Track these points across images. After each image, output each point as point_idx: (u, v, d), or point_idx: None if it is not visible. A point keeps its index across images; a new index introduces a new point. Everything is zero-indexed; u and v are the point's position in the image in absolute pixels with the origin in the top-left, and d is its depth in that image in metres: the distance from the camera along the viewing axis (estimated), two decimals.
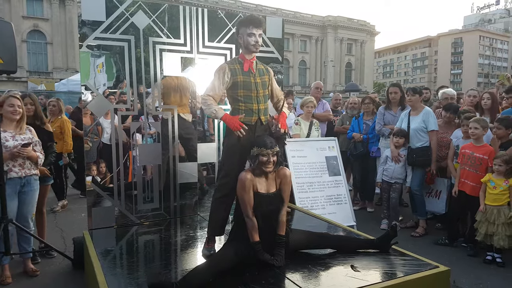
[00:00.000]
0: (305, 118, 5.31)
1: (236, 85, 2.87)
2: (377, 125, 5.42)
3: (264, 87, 2.97)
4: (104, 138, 4.83)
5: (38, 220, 4.06)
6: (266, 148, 2.68)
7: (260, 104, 2.91)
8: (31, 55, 35.52)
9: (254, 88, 2.89)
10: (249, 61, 2.92)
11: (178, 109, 4.04)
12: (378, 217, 5.33)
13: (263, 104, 2.93)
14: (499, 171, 3.88)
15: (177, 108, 4.02)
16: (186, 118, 4.16)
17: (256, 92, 2.89)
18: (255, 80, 2.90)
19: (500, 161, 3.87)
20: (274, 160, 2.73)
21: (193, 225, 3.87)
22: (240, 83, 2.86)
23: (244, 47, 2.91)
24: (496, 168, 3.89)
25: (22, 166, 3.51)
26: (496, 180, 3.88)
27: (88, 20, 3.51)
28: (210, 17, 4.05)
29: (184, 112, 4.14)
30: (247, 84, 2.87)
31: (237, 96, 2.88)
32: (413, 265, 2.75)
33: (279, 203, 2.81)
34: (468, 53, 78.54)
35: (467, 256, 4.10)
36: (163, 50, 3.83)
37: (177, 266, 2.93)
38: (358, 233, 3.58)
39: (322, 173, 4.93)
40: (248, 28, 2.83)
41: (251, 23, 2.84)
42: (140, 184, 3.87)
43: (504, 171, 3.87)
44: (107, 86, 3.75)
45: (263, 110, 2.93)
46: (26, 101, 3.89)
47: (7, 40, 3.43)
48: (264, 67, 3.04)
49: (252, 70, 2.92)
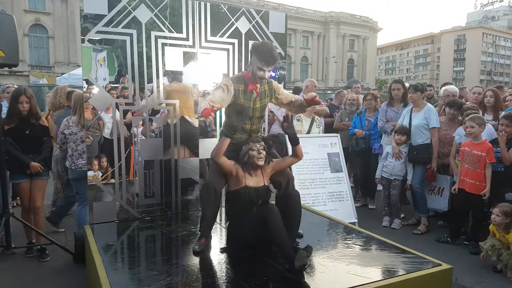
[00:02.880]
0: (307, 115, 5.28)
1: (235, 105, 2.99)
2: (380, 121, 5.40)
3: (263, 111, 3.15)
4: (105, 132, 4.81)
5: (35, 216, 4.03)
6: (253, 143, 2.88)
7: (254, 125, 3.10)
8: (32, 49, 35.44)
9: (251, 112, 3.05)
10: (254, 86, 3.00)
11: (183, 111, 4.00)
12: (379, 214, 5.33)
13: (256, 125, 3.12)
14: (496, 221, 3.65)
15: (183, 109, 3.99)
16: (191, 121, 4.07)
17: (252, 114, 3.06)
18: (255, 106, 3.05)
19: (499, 211, 3.63)
20: (264, 154, 2.90)
21: (194, 220, 3.86)
22: (239, 105, 2.98)
23: (252, 74, 2.96)
24: (493, 217, 3.67)
25: None
26: (496, 232, 3.73)
27: (90, 14, 3.48)
28: (213, 11, 4.01)
29: (190, 115, 4.07)
30: (246, 108, 3.01)
31: (234, 114, 2.99)
32: (415, 262, 2.74)
33: (266, 197, 2.98)
34: (471, 50, 78.13)
35: (469, 254, 4.09)
36: (165, 45, 3.80)
37: (178, 261, 2.92)
38: (360, 230, 3.57)
39: (324, 170, 4.92)
40: (260, 62, 2.86)
41: (265, 60, 2.86)
42: (141, 179, 3.86)
43: (502, 223, 3.62)
44: (109, 81, 3.73)
45: (255, 129, 3.12)
46: (22, 100, 3.81)
47: (9, 33, 3.42)
48: (268, 87, 3.12)
49: (256, 92, 3.01)
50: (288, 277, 2.53)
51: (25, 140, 3.86)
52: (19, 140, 3.81)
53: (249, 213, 2.89)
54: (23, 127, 3.85)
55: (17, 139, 3.81)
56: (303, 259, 2.43)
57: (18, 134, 3.81)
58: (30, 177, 3.92)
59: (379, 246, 3.12)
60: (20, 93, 3.85)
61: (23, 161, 3.81)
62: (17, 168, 3.85)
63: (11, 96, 4.08)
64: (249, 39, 4.21)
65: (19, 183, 3.91)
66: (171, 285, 2.46)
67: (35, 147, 3.90)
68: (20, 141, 3.82)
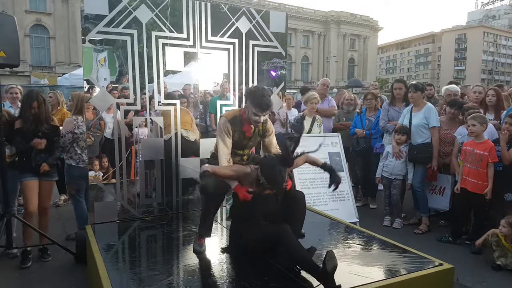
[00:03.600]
0: (308, 114, 5.29)
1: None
2: (381, 121, 5.39)
3: (254, 142, 3.25)
4: (106, 132, 4.82)
5: (42, 217, 4.02)
6: (262, 110, 2.89)
7: (246, 150, 3.21)
8: (34, 49, 35.50)
9: (246, 143, 3.16)
10: (249, 127, 3.06)
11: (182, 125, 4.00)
12: (380, 214, 5.32)
13: (248, 150, 3.24)
14: (503, 232, 3.73)
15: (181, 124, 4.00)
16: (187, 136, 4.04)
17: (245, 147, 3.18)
18: (248, 142, 3.17)
19: (505, 222, 3.73)
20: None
21: (195, 220, 3.86)
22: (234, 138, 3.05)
23: (247, 116, 2.99)
24: (500, 228, 3.75)
25: None
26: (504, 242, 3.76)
27: (91, 14, 3.49)
28: (213, 11, 4.02)
29: (187, 129, 4.04)
30: (240, 141, 3.10)
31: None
32: (417, 262, 2.74)
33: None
34: (471, 49, 78.03)
35: (471, 254, 4.08)
36: (165, 45, 3.81)
37: (179, 261, 2.92)
38: (361, 230, 3.56)
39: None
40: (255, 108, 2.89)
41: (260, 106, 2.88)
42: (142, 179, 3.87)
43: (509, 234, 3.72)
44: (110, 81, 3.73)
45: (247, 153, 3.23)
46: (34, 105, 3.74)
47: (10, 34, 3.42)
48: (263, 128, 3.15)
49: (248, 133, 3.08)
50: (289, 276, 2.53)
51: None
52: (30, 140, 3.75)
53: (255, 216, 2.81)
54: (35, 130, 3.79)
55: (28, 139, 3.75)
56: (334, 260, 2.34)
57: (30, 135, 3.76)
58: (38, 177, 3.88)
59: (380, 245, 3.12)
60: (33, 99, 3.77)
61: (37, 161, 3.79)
62: (27, 167, 3.79)
63: (23, 99, 3.95)
64: (249, 39, 4.22)
65: (27, 180, 3.82)
66: (172, 285, 2.46)
67: (47, 147, 3.84)
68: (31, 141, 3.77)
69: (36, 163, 3.80)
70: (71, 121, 4.25)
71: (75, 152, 4.22)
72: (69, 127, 4.20)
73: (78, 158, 4.22)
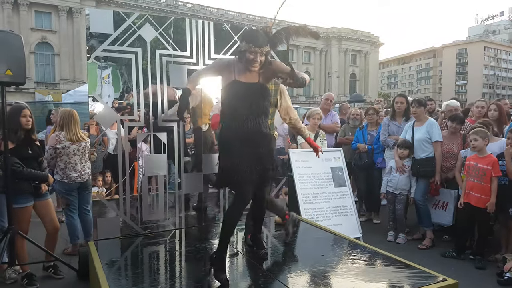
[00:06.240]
0: (311, 129, 5.31)
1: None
2: (382, 135, 5.41)
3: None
4: (110, 148, 4.86)
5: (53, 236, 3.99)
6: (255, 45, 2.52)
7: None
8: (38, 66, 36.02)
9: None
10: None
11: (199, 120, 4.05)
12: (384, 229, 5.29)
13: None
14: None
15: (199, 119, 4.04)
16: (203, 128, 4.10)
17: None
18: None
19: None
20: (262, 60, 2.59)
21: (198, 236, 3.86)
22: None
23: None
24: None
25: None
26: None
27: (96, 33, 3.55)
28: (216, 29, 4.09)
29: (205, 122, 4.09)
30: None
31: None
32: (420, 277, 2.71)
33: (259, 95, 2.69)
34: (473, 64, 78.47)
35: (475, 269, 4.05)
36: (169, 62, 3.87)
37: (182, 277, 2.91)
38: (364, 245, 3.54)
39: (328, 184, 4.91)
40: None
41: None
42: (145, 195, 3.88)
43: None
44: (114, 97, 3.78)
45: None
46: (25, 113, 3.75)
47: (17, 53, 3.49)
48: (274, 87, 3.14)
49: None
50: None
51: (28, 159, 3.78)
52: (22, 159, 3.72)
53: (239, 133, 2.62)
54: (26, 145, 3.78)
55: (21, 158, 3.72)
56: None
57: (22, 154, 3.74)
58: (33, 199, 3.82)
59: (384, 261, 3.10)
60: (22, 107, 3.80)
61: (41, 177, 3.79)
62: (25, 189, 3.72)
63: (10, 112, 3.78)
64: None
65: (25, 206, 3.75)
66: None
67: (35, 167, 3.83)
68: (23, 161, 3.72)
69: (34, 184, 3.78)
70: (54, 137, 4.30)
71: (59, 167, 4.27)
72: (52, 142, 4.26)
73: (63, 174, 4.25)
